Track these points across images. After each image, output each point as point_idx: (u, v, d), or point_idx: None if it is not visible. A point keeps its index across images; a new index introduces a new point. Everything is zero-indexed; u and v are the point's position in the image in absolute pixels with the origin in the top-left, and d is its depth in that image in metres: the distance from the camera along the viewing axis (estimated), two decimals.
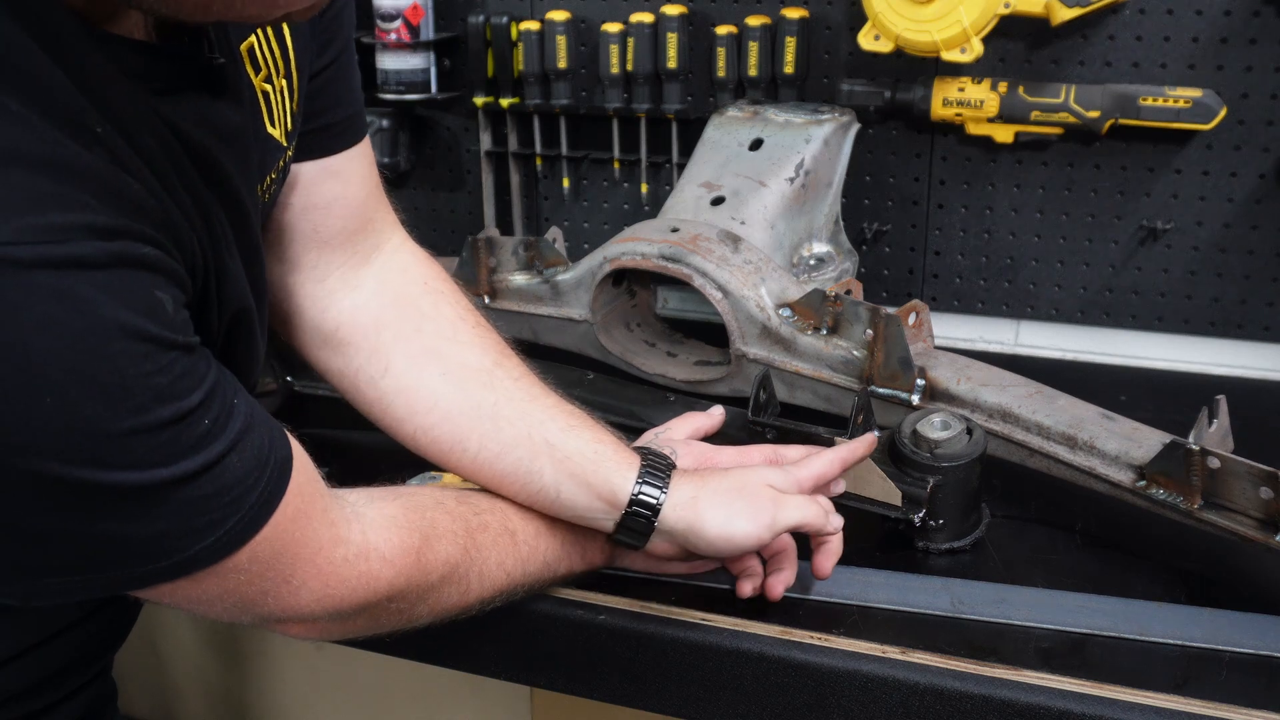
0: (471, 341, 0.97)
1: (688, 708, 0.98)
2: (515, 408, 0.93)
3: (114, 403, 0.59)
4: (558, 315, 1.40)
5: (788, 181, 1.37)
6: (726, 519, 0.91)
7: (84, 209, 0.58)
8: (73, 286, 0.57)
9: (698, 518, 0.91)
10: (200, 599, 0.72)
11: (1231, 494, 0.97)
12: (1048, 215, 1.50)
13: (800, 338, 1.24)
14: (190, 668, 1.65)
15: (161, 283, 0.62)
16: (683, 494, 0.92)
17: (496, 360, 0.96)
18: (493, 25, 1.61)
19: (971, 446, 1.05)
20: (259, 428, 0.70)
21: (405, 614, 0.85)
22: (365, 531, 0.80)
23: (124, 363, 0.59)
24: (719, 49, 1.52)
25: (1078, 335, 1.54)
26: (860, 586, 1.00)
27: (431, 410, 0.94)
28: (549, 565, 0.93)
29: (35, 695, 0.83)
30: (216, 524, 0.67)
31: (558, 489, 0.92)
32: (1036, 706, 0.87)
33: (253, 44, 0.78)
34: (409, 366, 0.94)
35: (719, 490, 0.93)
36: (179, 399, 0.62)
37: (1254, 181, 1.40)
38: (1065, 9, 1.32)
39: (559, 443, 0.92)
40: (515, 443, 0.92)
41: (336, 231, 0.94)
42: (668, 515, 0.91)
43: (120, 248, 0.59)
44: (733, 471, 0.96)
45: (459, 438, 0.93)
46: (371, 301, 0.96)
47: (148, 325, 0.60)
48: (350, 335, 0.95)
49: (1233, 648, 0.92)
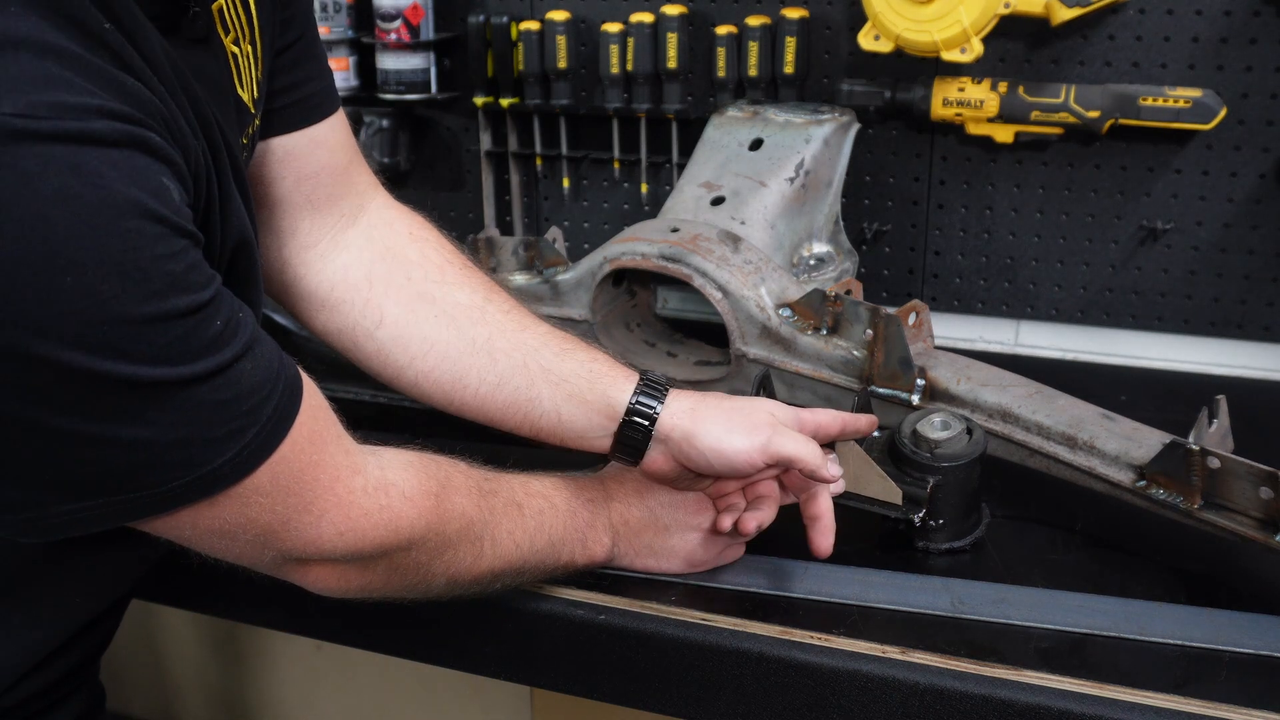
0: (460, 281, 0.99)
1: (688, 708, 0.98)
2: (508, 339, 0.97)
3: (131, 285, 0.59)
4: (558, 315, 1.40)
5: (788, 181, 1.37)
6: (725, 431, 0.92)
7: (91, 94, 0.59)
8: (87, 161, 0.57)
9: (695, 426, 0.93)
10: (221, 530, 0.71)
11: (1231, 494, 0.97)
12: (1048, 215, 1.50)
13: (800, 338, 1.24)
14: (190, 668, 1.65)
15: (167, 171, 0.63)
16: (681, 405, 0.94)
17: (486, 296, 0.99)
18: (493, 25, 1.61)
19: (971, 446, 1.05)
20: (268, 343, 0.71)
21: (423, 570, 0.85)
22: (383, 467, 0.81)
23: (139, 241, 0.59)
24: (719, 49, 1.52)
25: (1078, 335, 1.54)
26: (860, 586, 1.00)
27: (429, 353, 0.97)
28: (553, 545, 0.93)
29: (25, 707, 0.83)
30: (235, 435, 0.67)
31: (558, 412, 0.95)
32: (1036, 706, 0.87)
33: (222, 5, 0.79)
34: (402, 314, 0.97)
35: (718, 406, 0.95)
36: (192, 290, 0.63)
37: (1254, 181, 1.40)
38: (1065, 9, 1.32)
39: (554, 367, 0.95)
40: (512, 372, 0.95)
41: (325, 197, 0.97)
42: (665, 422, 0.93)
43: (132, 130, 0.60)
44: (734, 396, 0.98)
45: (458, 375, 0.96)
46: (361, 258, 0.99)
47: (159, 207, 0.61)
48: (344, 294, 0.98)
49: (1233, 648, 0.92)
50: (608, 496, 0.98)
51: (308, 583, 0.81)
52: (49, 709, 0.85)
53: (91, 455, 0.63)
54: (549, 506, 0.94)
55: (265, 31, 0.85)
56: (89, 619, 0.85)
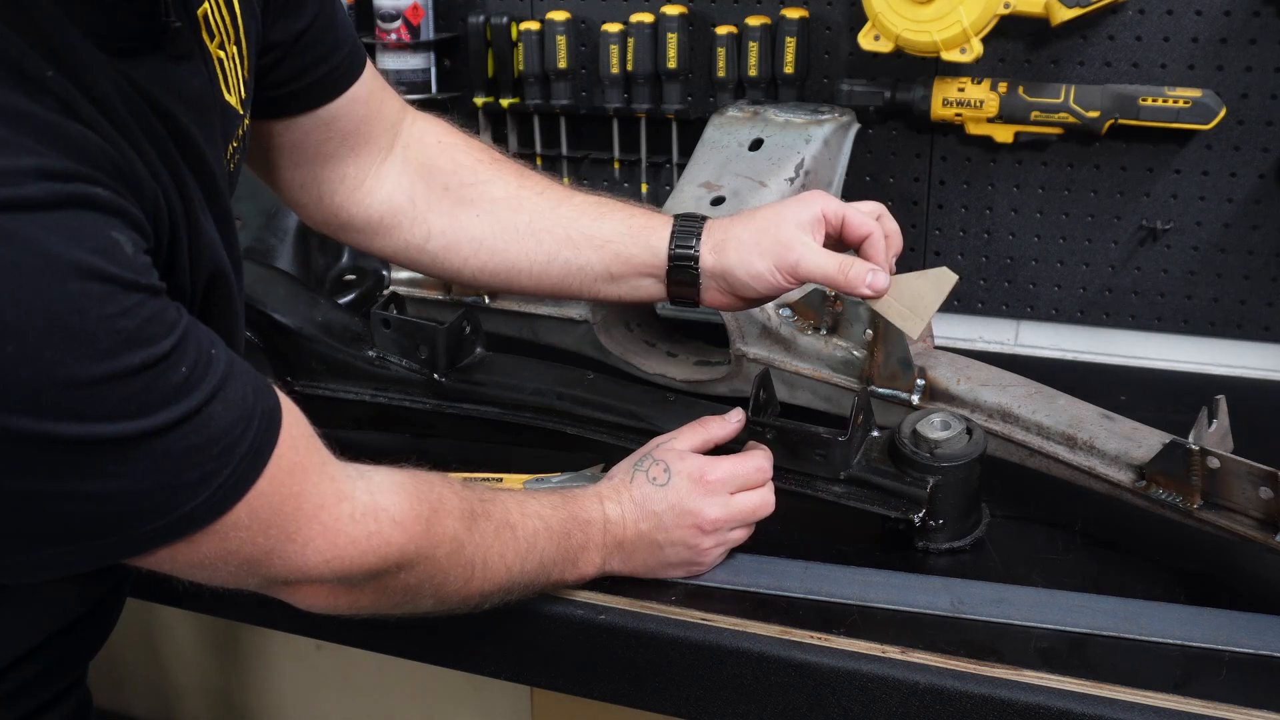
0: (492, 177, 1.06)
1: (688, 708, 0.98)
2: (547, 218, 1.04)
3: (79, 347, 0.58)
4: (558, 315, 1.40)
5: (788, 181, 1.37)
6: (755, 257, 0.98)
7: (30, 153, 0.57)
8: (21, 228, 0.56)
9: (723, 261, 0.99)
10: (203, 563, 0.71)
11: (1231, 494, 0.97)
12: (1048, 215, 1.50)
13: (800, 338, 1.24)
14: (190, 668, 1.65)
15: (118, 224, 0.62)
16: (713, 238, 1.00)
17: (519, 184, 1.06)
18: (493, 25, 1.61)
19: (971, 446, 1.05)
20: (240, 378, 0.69)
21: (411, 592, 0.85)
22: (372, 492, 0.80)
23: (85, 303, 0.58)
24: (719, 49, 1.52)
25: (1078, 335, 1.54)
26: (860, 586, 1.00)
27: (479, 251, 1.04)
28: (544, 567, 0.93)
29: (13, 703, 0.82)
30: (208, 478, 0.66)
31: (609, 272, 1.02)
32: (1036, 706, 0.87)
33: (206, 10, 0.78)
34: (447, 224, 1.05)
35: (745, 229, 0.99)
36: (149, 345, 0.62)
37: (1254, 181, 1.40)
38: (1065, 9, 1.32)
39: (595, 232, 1.02)
40: (558, 247, 1.03)
41: (365, 140, 1.04)
42: (705, 260, 0.99)
43: (72, 189, 0.59)
44: (768, 210, 1.01)
45: (510, 263, 1.04)
46: (401, 183, 1.06)
47: (105, 265, 0.59)
48: (393, 218, 1.06)
49: (1232, 648, 0.92)
50: (604, 517, 0.97)
51: (296, 601, 0.81)
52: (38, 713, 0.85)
53: (59, 510, 0.62)
54: (543, 528, 0.93)
55: (248, 26, 0.84)
56: (68, 620, 0.84)
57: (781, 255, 0.97)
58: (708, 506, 0.98)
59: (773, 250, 0.97)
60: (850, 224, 0.99)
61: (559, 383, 1.21)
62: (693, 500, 0.97)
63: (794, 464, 1.07)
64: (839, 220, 0.99)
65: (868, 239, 0.98)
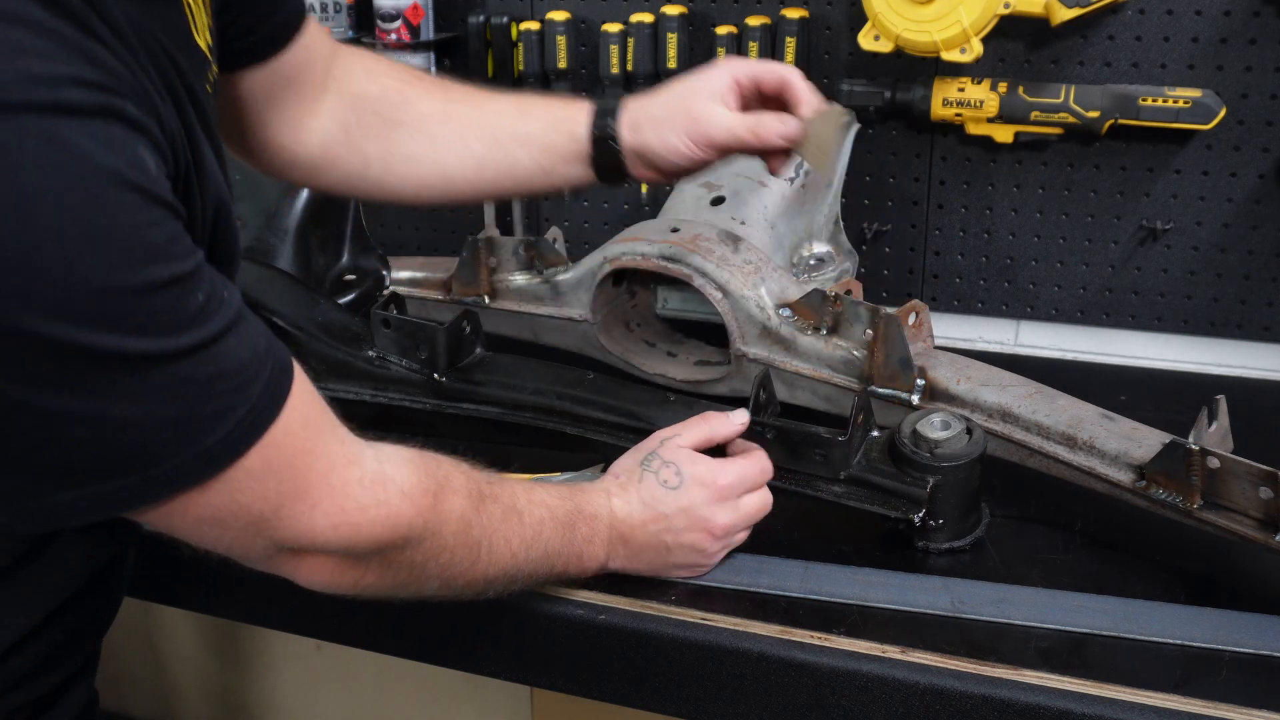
0: (418, 95, 1.10)
1: (688, 708, 0.98)
2: (473, 123, 1.08)
3: (112, 254, 0.59)
4: (558, 315, 1.40)
5: (788, 181, 1.37)
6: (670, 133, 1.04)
7: (64, 62, 0.58)
8: (62, 131, 0.57)
9: (640, 137, 1.05)
10: (213, 518, 0.71)
11: (1231, 494, 0.97)
12: (1048, 215, 1.50)
13: (800, 338, 1.24)
14: (190, 668, 1.65)
15: (144, 142, 0.62)
16: (630, 117, 1.06)
17: (444, 97, 1.10)
18: (493, 25, 1.61)
19: (971, 446, 1.05)
20: (253, 323, 0.70)
21: (417, 570, 0.84)
22: (381, 461, 0.80)
23: (117, 210, 0.59)
24: (719, 49, 1.52)
25: (1078, 335, 1.54)
26: (860, 586, 1.00)
27: (414, 168, 1.08)
28: (548, 556, 0.93)
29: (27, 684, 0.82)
30: (226, 413, 0.67)
31: (539, 165, 1.07)
32: (1036, 706, 0.87)
33: None
34: (382, 147, 1.08)
35: (659, 107, 1.06)
36: (174, 261, 0.62)
37: (1254, 181, 1.40)
38: (1065, 9, 1.32)
39: (519, 129, 1.08)
40: (487, 150, 1.07)
41: (309, 82, 1.06)
42: (625, 138, 1.05)
43: (106, 100, 0.60)
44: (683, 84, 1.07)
45: (446, 174, 1.08)
46: (335, 116, 1.08)
47: (138, 177, 0.60)
48: (332, 151, 1.08)
49: (1232, 647, 0.92)
50: (610, 512, 0.97)
51: (300, 576, 0.80)
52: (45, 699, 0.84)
53: (83, 435, 0.63)
54: (549, 517, 0.93)
55: None
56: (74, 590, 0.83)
57: (692, 127, 1.03)
58: (719, 513, 0.98)
59: (684, 123, 1.03)
60: (764, 79, 1.05)
61: (559, 383, 1.21)
62: (705, 507, 0.98)
63: (794, 464, 1.07)
64: (751, 81, 1.05)
65: (786, 84, 1.05)
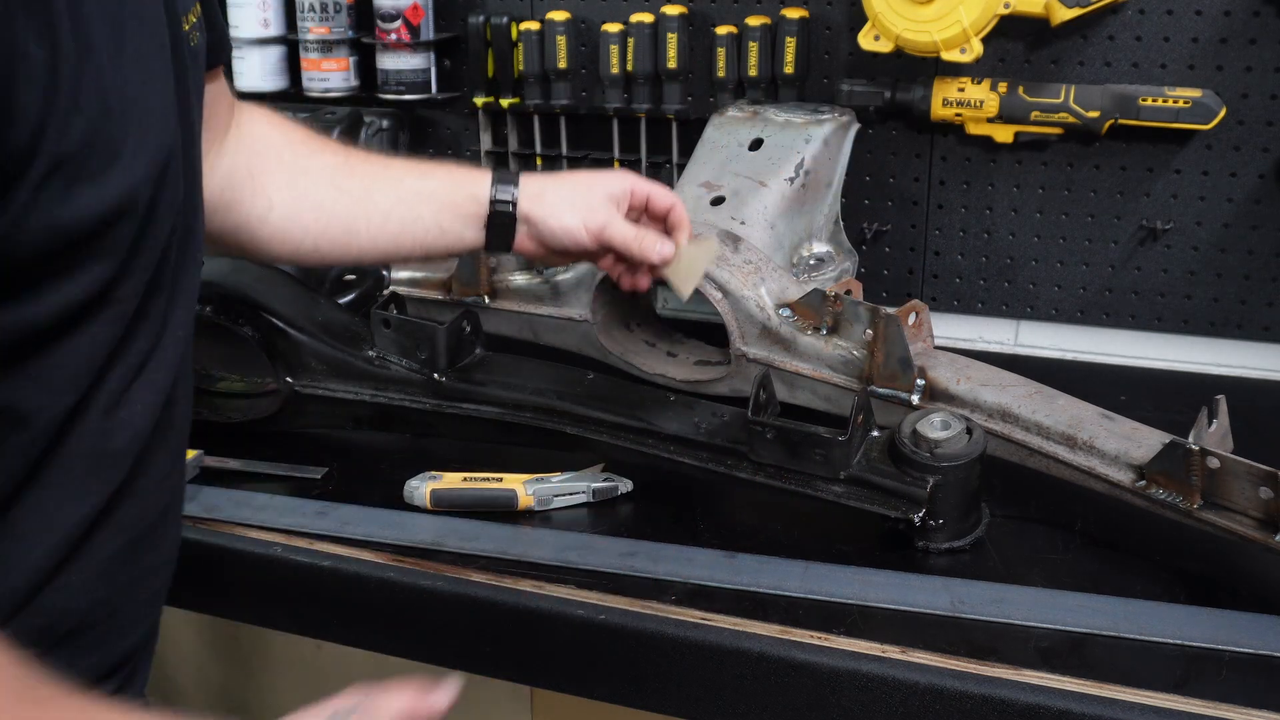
0: (320, 148, 1.11)
1: (688, 708, 0.98)
2: (379, 181, 1.09)
3: None
4: (558, 315, 1.40)
5: (788, 181, 1.37)
6: (566, 211, 1.08)
7: None
8: None
9: (540, 209, 1.07)
10: None
11: (1231, 494, 0.97)
12: (1048, 215, 1.50)
13: (800, 338, 1.24)
14: (190, 668, 1.65)
15: None
16: (532, 188, 1.08)
17: (345, 154, 1.12)
18: (493, 25, 1.61)
19: (971, 446, 1.05)
20: None
21: None
22: None
23: None
24: (719, 49, 1.52)
25: (1077, 335, 1.54)
26: (860, 586, 1.00)
27: (319, 217, 1.07)
28: None
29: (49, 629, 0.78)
30: None
31: (439, 224, 1.08)
32: (1036, 706, 0.87)
33: None
34: (288, 194, 1.07)
35: (562, 186, 1.09)
36: None
37: (1254, 181, 1.40)
38: (1065, 9, 1.32)
39: (423, 188, 1.09)
40: (392, 205, 1.08)
41: (213, 119, 1.02)
42: (522, 206, 1.08)
43: None
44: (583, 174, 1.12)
45: (349, 226, 1.08)
46: (239, 158, 1.06)
47: None
48: (234, 193, 1.05)
49: (1232, 647, 0.92)
50: None
51: None
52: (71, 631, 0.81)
53: None
54: None
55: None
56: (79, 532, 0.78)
57: (590, 217, 1.08)
58: None
59: (584, 211, 1.08)
60: (655, 200, 1.11)
61: (559, 383, 1.21)
62: None
63: (794, 464, 1.07)
64: (644, 197, 1.11)
65: (671, 209, 1.11)
